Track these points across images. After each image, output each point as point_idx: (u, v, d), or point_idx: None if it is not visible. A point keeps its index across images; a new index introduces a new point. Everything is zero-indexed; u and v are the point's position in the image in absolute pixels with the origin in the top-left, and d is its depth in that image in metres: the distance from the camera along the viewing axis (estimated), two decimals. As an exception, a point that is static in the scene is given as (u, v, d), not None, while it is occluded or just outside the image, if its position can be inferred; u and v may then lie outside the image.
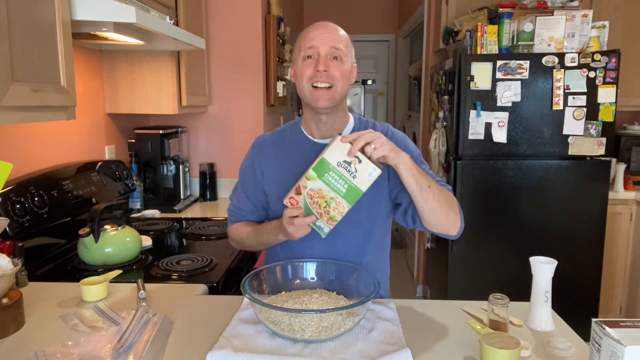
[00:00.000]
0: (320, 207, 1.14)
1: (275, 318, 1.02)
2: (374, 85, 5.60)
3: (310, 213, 1.14)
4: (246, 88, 2.75)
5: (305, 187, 1.13)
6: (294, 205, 1.15)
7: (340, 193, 1.12)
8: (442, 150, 2.82)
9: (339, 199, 1.13)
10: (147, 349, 0.99)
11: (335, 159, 1.10)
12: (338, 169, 1.10)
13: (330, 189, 1.12)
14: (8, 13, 1.04)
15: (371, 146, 1.08)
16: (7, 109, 1.07)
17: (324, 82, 1.21)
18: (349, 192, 1.12)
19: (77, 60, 1.97)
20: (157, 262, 1.60)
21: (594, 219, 2.64)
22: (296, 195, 1.14)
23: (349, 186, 1.11)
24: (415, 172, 1.13)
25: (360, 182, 1.11)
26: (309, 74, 1.22)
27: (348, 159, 1.10)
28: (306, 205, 1.14)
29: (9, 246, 1.29)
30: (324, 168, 1.11)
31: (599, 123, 2.54)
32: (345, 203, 1.13)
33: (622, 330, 0.78)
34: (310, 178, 1.12)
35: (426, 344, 1.04)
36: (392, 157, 1.10)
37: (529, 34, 2.52)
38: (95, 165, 2.00)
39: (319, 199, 1.13)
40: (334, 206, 1.13)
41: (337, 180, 1.11)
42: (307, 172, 1.13)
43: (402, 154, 1.12)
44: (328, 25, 1.26)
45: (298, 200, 1.14)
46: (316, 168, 1.11)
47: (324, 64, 1.21)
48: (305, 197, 1.13)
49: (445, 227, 1.23)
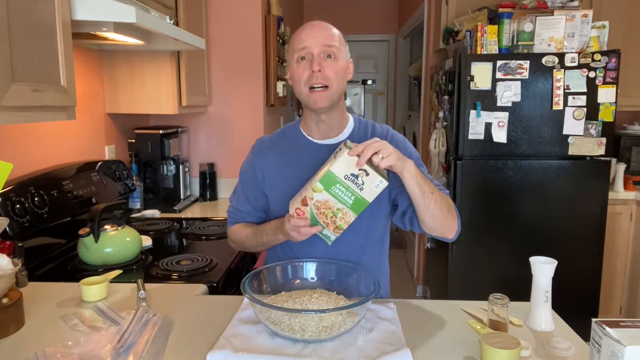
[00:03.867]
0: (327, 217, 1.13)
1: (275, 318, 1.02)
2: (374, 85, 5.60)
3: (316, 223, 1.14)
4: (246, 88, 2.75)
5: (312, 199, 1.12)
6: (300, 215, 1.14)
7: (347, 204, 1.12)
8: (442, 150, 2.82)
9: (345, 210, 1.12)
10: (147, 349, 0.99)
11: (342, 172, 1.09)
12: (345, 181, 1.09)
13: (337, 200, 1.11)
14: (8, 13, 1.04)
15: (379, 156, 1.08)
16: (7, 109, 1.07)
17: (319, 83, 1.21)
18: (356, 203, 1.11)
19: (77, 60, 1.97)
20: (157, 262, 1.60)
21: (594, 219, 2.64)
22: (302, 207, 1.13)
23: (356, 198, 1.11)
24: (419, 179, 1.13)
25: (367, 193, 1.10)
26: (305, 77, 1.22)
27: (355, 172, 1.09)
28: (312, 216, 1.13)
29: (9, 246, 1.29)
30: (331, 181, 1.10)
31: (599, 123, 2.54)
32: (351, 213, 1.13)
33: (622, 330, 0.78)
34: (317, 190, 1.11)
35: (426, 344, 1.04)
36: (398, 166, 1.10)
37: (529, 34, 2.52)
38: (95, 165, 2.00)
39: (326, 209, 1.13)
40: (340, 216, 1.13)
41: (344, 192, 1.10)
42: (313, 183, 1.12)
43: (408, 162, 1.12)
44: (318, 24, 1.25)
45: (305, 211, 1.14)
46: (323, 180, 1.10)
47: (318, 63, 1.20)
48: (312, 208, 1.13)
49: (444, 230, 1.24)
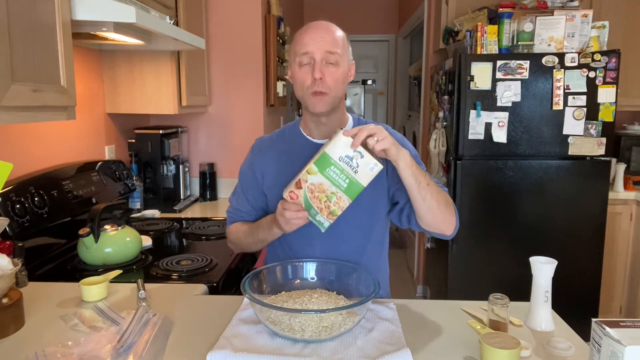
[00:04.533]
0: (321, 202, 1.13)
1: (275, 318, 1.02)
2: (374, 85, 5.60)
3: (310, 207, 1.14)
4: (246, 88, 2.75)
5: (306, 182, 1.12)
6: (294, 199, 1.14)
7: (341, 188, 1.12)
8: (442, 150, 2.82)
9: (339, 194, 1.12)
10: (147, 349, 0.99)
11: (337, 154, 1.10)
12: (340, 163, 1.10)
13: (331, 183, 1.11)
14: (8, 13, 1.04)
15: (374, 139, 1.08)
16: (7, 109, 1.07)
17: (320, 90, 1.20)
18: (350, 186, 1.11)
19: (77, 60, 1.97)
20: (157, 262, 1.60)
21: (594, 219, 2.64)
22: (296, 189, 1.13)
23: (350, 181, 1.11)
24: (415, 169, 1.13)
25: (362, 177, 1.11)
26: (307, 82, 1.21)
27: (350, 154, 1.09)
28: (306, 200, 1.13)
29: (9, 246, 1.29)
30: (326, 162, 1.10)
31: (599, 123, 2.54)
32: (346, 198, 1.13)
33: (622, 330, 0.78)
34: (312, 172, 1.11)
35: (426, 344, 1.04)
36: (393, 151, 1.09)
37: (529, 34, 2.52)
38: (95, 165, 2.00)
39: (320, 193, 1.12)
40: (334, 201, 1.13)
41: (338, 175, 1.10)
42: (308, 166, 1.12)
43: (403, 150, 1.12)
44: (322, 26, 1.23)
45: (298, 195, 1.13)
46: (317, 162, 1.10)
47: (320, 70, 1.19)
48: (305, 191, 1.13)
49: (441, 226, 1.23)
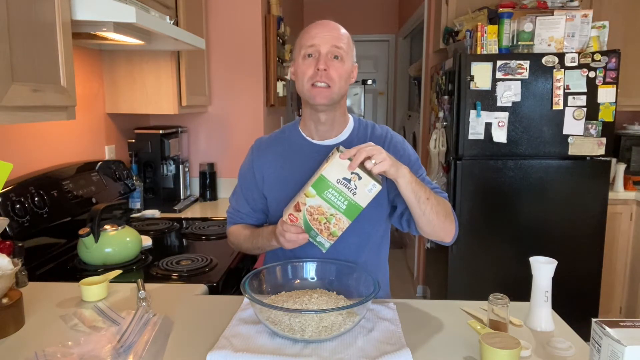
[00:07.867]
0: (321, 224, 1.12)
1: (275, 318, 1.02)
2: (374, 85, 5.60)
3: (310, 229, 1.13)
4: (246, 88, 2.75)
5: (304, 204, 1.11)
6: (294, 221, 1.13)
7: (340, 210, 1.10)
8: (442, 150, 2.82)
9: (339, 215, 1.11)
10: (147, 349, 0.99)
11: (334, 176, 1.08)
12: (337, 186, 1.08)
13: (330, 205, 1.10)
14: (8, 13, 1.04)
15: (371, 161, 1.07)
16: (7, 109, 1.07)
17: (322, 81, 1.21)
18: (349, 208, 1.10)
19: (77, 60, 1.97)
20: (157, 262, 1.60)
21: (594, 219, 2.64)
22: (295, 212, 1.12)
23: (349, 203, 1.09)
24: (415, 185, 1.12)
25: (360, 198, 1.09)
26: (309, 73, 1.22)
27: (347, 176, 1.07)
28: (306, 222, 1.12)
29: (9, 246, 1.29)
30: (324, 185, 1.08)
31: (599, 123, 2.54)
32: (345, 219, 1.11)
33: (622, 330, 0.78)
34: (310, 195, 1.09)
35: (426, 344, 1.04)
36: (392, 172, 1.09)
37: (529, 34, 2.52)
38: (95, 165, 2.00)
39: (319, 215, 1.11)
40: (334, 222, 1.12)
41: (336, 197, 1.09)
42: (306, 188, 1.11)
43: (402, 168, 1.11)
44: (330, 23, 1.26)
45: (298, 217, 1.12)
46: (315, 185, 1.09)
47: (325, 62, 1.20)
48: (305, 214, 1.11)
49: (440, 235, 1.24)
